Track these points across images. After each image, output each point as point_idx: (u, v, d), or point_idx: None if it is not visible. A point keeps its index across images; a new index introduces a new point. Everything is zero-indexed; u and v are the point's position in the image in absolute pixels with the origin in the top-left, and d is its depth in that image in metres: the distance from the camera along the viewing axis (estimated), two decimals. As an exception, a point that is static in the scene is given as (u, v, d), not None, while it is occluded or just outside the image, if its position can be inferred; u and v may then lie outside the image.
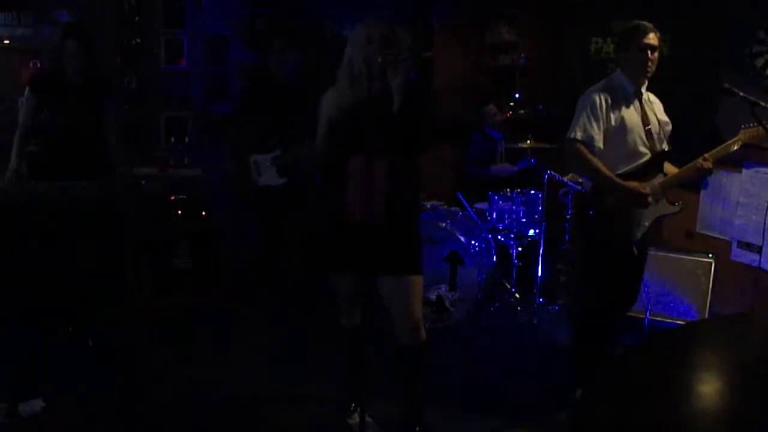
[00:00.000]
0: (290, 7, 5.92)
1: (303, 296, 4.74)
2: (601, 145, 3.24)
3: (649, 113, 3.34)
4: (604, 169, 3.23)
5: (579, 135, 3.25)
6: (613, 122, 3.25)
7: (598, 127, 3.24)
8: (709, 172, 3.30)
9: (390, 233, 2.90)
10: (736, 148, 3.28)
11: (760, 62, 4.40)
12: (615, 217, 3.26)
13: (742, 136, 3.26)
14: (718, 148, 3.29)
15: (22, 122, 4.15)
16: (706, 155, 3.27)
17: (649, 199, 3.24)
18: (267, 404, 3.57)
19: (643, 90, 3.35)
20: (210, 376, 3.86)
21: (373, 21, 2.86)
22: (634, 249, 3.31)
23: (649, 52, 3.24)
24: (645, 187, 3.25)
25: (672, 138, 3.41)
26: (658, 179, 3.32)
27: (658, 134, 3.33)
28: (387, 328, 3.11)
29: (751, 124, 3.23)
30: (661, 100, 3.47)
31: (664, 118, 3.42)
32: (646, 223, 3.31)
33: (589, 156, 3.25)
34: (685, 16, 4.79)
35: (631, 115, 3.28)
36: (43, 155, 4.26)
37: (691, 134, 3.90)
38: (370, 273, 2.98)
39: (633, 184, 3.24)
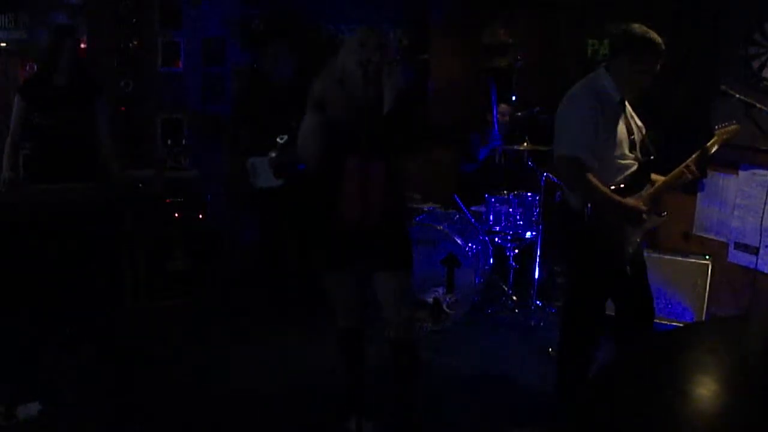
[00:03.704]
0: (286, 8, 5.93)
1: (301, 298, 4.74)
2: (593, 160, 3.04)
3: (631, 121, 3.19)
4: (601, 186, 3.03)
5: (571, 151, 3.06)
6: (602, 132, 3.05)
7: (589, 140, 3.02)
8: (696, 179, 3.20)
9: (382, 231, 2.95)
10: (714, 150, 3.19)
11: (756, 64, 4.40)
12: (607, 236, 3.10)
13: (717, 137, 3.20)
14: (696, 155, 3.18)
15: (12, 127, 4.18)
16: (688, 163, 3.16)
17: (645, 216, 3.11)
18: (264, 407, 3.56)
19: None
20: (207, 377, 3.86)
21: (366, 28, 2.89)
22: (627, 268, 3.15)
23: (652, 75, 3.09)
24: (641, 204, 3.11)
25: (667, 140, 3.39)
26: (647, 190, 3.19)
27: (641, 142, 3.20)
28: (385, 330, 3.11)
29: (724, 124, 3.20)
30: (658, 102, 3.44)
31: (640, 123, 3.28)
32: (638, 239, 3.18)
33: (583, 173, 3.03)
34: (681, 18, 4.80)
35: (618, 125, 3.11)
36: (37, 158, 4.27)
37: (688, 136, 3.90)
38: (365, 271, 3.03)
39: (630, 201, 3.10)
